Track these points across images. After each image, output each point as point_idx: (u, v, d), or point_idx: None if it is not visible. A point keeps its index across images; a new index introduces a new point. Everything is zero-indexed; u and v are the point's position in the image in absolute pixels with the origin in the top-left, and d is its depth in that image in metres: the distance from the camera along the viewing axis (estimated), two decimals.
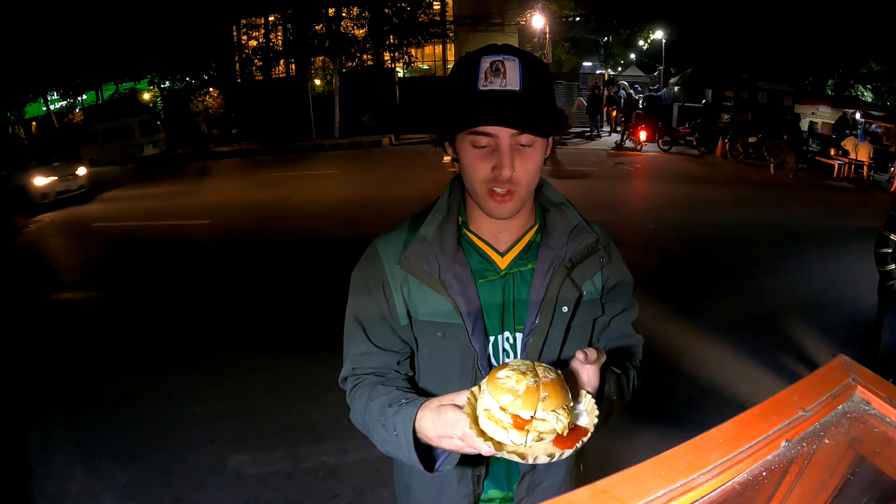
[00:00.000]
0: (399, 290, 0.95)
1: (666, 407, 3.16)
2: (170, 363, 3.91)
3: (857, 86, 18.16)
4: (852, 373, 0.79)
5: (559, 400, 0.66)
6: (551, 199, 1.02)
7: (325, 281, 5.15)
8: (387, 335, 0.97)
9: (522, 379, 0.66)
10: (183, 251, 6.87)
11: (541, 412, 0.66)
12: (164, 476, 2.71)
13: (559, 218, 0.99)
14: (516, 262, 0.97)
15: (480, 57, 0.84)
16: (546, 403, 0.66)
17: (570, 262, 0.95)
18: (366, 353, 0.97)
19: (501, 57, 0.84)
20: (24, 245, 7.89)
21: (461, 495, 1.00)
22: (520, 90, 0.83)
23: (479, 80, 0.83)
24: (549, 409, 0.66)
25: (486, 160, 0.87)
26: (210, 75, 20.77)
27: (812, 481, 0.71)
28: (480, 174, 0.88)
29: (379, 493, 2.51)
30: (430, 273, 0.92)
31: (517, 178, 0.87)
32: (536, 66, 0.86)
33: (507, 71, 0.83)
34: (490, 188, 0.88)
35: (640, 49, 23.52)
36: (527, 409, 0.65)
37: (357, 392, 0.96)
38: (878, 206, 9.22)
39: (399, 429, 0.81)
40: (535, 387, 0.66)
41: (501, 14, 21.16)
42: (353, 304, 1.00)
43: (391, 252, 0.97)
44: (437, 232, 0.94)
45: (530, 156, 0.88)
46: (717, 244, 6.51)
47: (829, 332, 4.05)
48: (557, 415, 0.67)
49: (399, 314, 0.95)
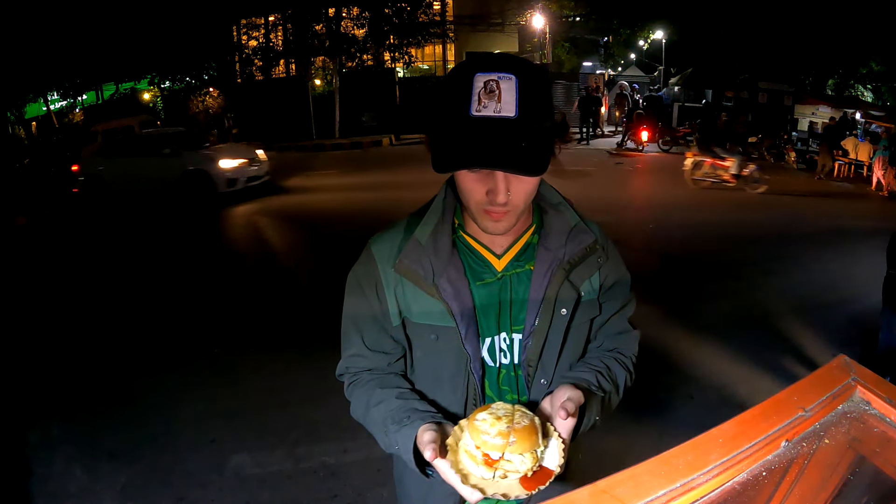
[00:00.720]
0: (392, 291, 0.95)
1: (666, 407, 3.16)
2: (170, 363, 3.91)
3: (857, 86, 18.16)
4: (852, 373, 0.79)
5: (527, 445, 0.73)
6: (549, 200, 1.00)
7: (325, 281, 5.15)
8: (379, 337, 0.98)
9: (496, 424, 0.74)
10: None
11: (508, 454, 0.73)
12: (164, 476, 2.71)
13: (557, 219, 0.98)
14: (513, 264, 0.96)
15: (474, 74, 0.79)
16: (514, 447, 0.72)
17: (568, 263, 0.94)
18: (358, 356, 1.00)
19: (496, 76, 0.78)
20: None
21: (447, 493, 1.00)
22: (515, 116, 0.78)
23: (472, 104, 0.78)
24: (517, 452, 0.73)
25: (480, 184, 0.85)
26: (210, 75, 20.79)
27: (812, 481, 0.71)
28: (476, 197, 0.86)
29: (379, 493, 2.51)
30: (424, 277, 0.92)
31: (513, 200, 0.86)
32: (534, 82, 0.80)
33: (502, 93, 0.78)
34: (485, 209, 0.87)
35: (640, 49, 23.52)
36: (496, 450, 0.73)
37: (356, 392, 0.99)
38: (877, 205, 9.24)
39: (400, 445, 0.86)
40: (506, 432, 0.73)
41: (501, 14, 21.18)
42: (348, 304, 1.02)
43: (386, 254, 0.96)
44: (431, 235, 0.94)
45: (526, 179, 0.85)
46: (717, 244, 6.51)
47: (829, 332, 4.04)
48: (523, 458, 0.73)
49: (391, 314, 0.96)
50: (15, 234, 8.73)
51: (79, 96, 22.29)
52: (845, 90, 17.88)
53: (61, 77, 19.83)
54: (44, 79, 19.02)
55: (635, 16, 20.20)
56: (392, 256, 0.95)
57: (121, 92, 22.19)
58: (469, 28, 20.64)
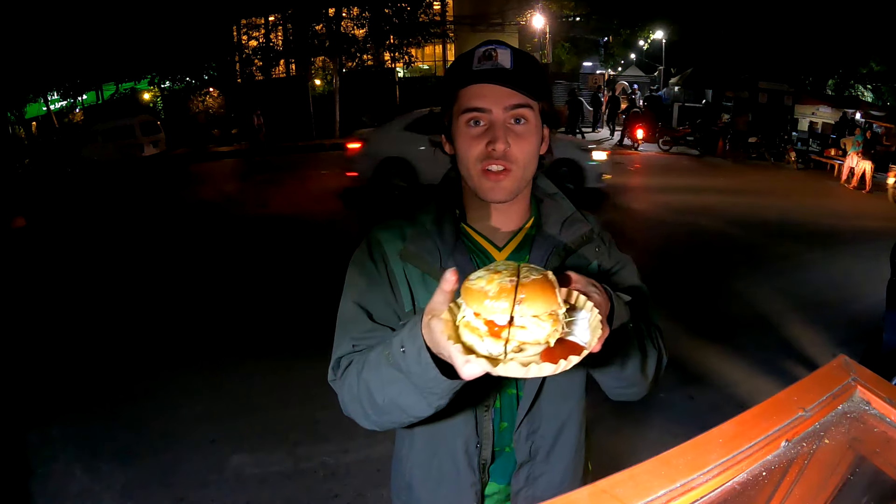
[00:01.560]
0: (404, 277, 0.93)
1: (666, 407, 3.16)
2: (170, 363, 3.91)
3: (857, 86, 18.15)
4: (852, 373, 0.79)
5: (541, 303, 0.54)
6: (545, 191, 1.03)
7: (325, 281, 5.15)
8: (389, 314, 0.93)
9: (495, 278, 0.56)
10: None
11: (519, 318, 0.55)
12: (164, 476, 2.71)
13: (553, 208, 1.00)
14: (513, 257, 0.97)
15: (474, 49, 0.90)
16: (524, 307, 0.54)
17: (564, 250, 0.95)
18: (371, 331, 0.90)
19: (494, 46, 0.89)
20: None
21: (468, 484, 0.97)
22: (511, 67, 0.87)
23: (472, 64, 0.88)
24: (530, 314, 0.54)
25: (480, 138, 0.89)
26: (210, 75, 20.78)
27: (812, 481, 0.71)
28: (475, 152, 0.89)
29: (379, 493, 2.51)
30: (432, 263, 0.91)
31: (512, 154, 0.88)
32: (528, 56, 0.91)
33: (498, 55, 0.88)
34: (485, 167, 0.89)
35: (640, 49, 23.51)
36: (501, 313, 0.54)
37: (351, 366, 0.87)
38: (877, 206, 9.24)
39: (406, 342, 0.70)
40: (509, 287, 0.55)
41: (501, 14, 21.17)
42: (351, 289, 0.94)
43: (391, 241, 0.95)
44: (434, 221, 0.94)
45: (524, 134, 0.89)
46: (717, 244, 6.52)
47: (830, 332, 4.04)
48: (540, 322, 0.55)
49: (405, 301, 0.93)
50: (14, 235, 8.73)
51: (79, 96, 22.26)
52: (845, 90, 17.87)
53: (61, 77, 19.80)
54: (44, 79, 18.98)
55: (635, 16, 20.18)
56: (398, 244, 0.94)
57: (121, 92, 22.17)
58: (469, 28, 20.61)
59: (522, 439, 0.97)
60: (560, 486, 1.01)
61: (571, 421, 1.01)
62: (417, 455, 1.01)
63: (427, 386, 0.70)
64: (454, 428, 0.95)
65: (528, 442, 0.97)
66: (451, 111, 0.92)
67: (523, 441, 0.97)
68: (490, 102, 0.87)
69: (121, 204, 10.08)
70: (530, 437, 0.97)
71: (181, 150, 16.98)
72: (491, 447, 0.97)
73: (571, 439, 1.02)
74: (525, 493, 0.99)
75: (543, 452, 0.99)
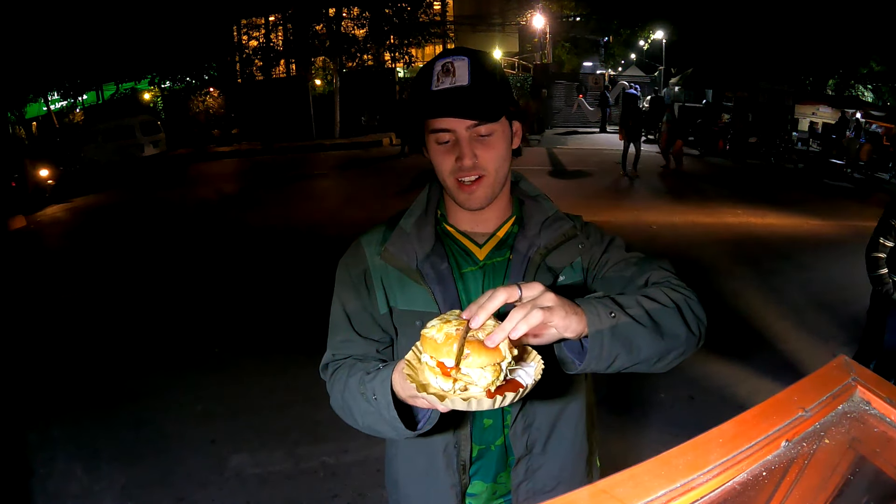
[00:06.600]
0: (380, 280, 0.99)
1: (666, 407, 3.16)
2: (170, 363, 3.91)
3: (857, 86, 18.14)
4: (852, 373, 0.79)
5: (485, 359, 0.64)
6: (527, 192, 1.06)
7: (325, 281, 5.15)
8: (368, 324, 1.01)
9: (444, 327, 0.66)
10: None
11: (465, 368, 0.65)
12: (164, 476, 2.71)
13: (535, 209, 1.03)
14: (494, 253, 1.00)
15: (434, 62, 0.91)
16: (469, 361, 0.64)
17: (545, 248, 0.97)
18: (347, 341, 1.00)
19: (451, 59, 0.90)
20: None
21: (447, 486, 1.00)
22: (468, 84, 0.88)
23: (432, 83, 0.90)
24: (475, 366, 0.64)
25: (449, 153, 0.92)
26: (210, 75, 20.80)
27: (812, 481, 0.71)
28: (446, 167, 0.93)
29: (379, 493, 2.51)
30: (409, 263, 0.96)
31: (481, 163, 0.92)
32: (486, 62, 0.92)
33: (456, 70, 0.89)
34: (457, 179, 0.93)
35: (640, 49, 23.52)
36: (448, 357, 0.64)
37: (336, 375, 0.96)
38: (877, 206, 9.24)
39: (378, 392, 0.81)
40: (454, 335, 0.64)
41: (501, 14, 21.19)
42: (337, 294, 1.03)
43: (373, 245, 1.01)
44: (415, 224, 0.99)
45: (491, 143, 0.92)
46: (717, 244, 6.51)
47: (829, 332, 4.05)
48: (483, 372, 0.65)
49: (379, 303, 0.99)
50: (13, 236, 8.73)
51: (79, 96, 22.28)
52: (845, 90, 17.85)
53: (61, 77, 19.82)
54: (44, 79, 18.99)
55: (635, 16, 20.19)
56: (378, 246, 1.00)
57: (121, 92, 22.18)
58: (469, 28, 20.63)
59: (518, 434, 0.99)
60: (559, 476, 1.03)
61: (568, 412, 1.03)
62: (402, 455, 1.07)
63: (398, 428, 0.81)
64: (432, 430, 0.96)
65: (524, 436, 0.99)
66: (422, 124, 0.95)
67: (519, 435, 0.99)
68: (453, 124, 0.91)
69: (121, 204, 10.07)
70: (526, 430, 0.99)
71: (181, 151, 17.00)
72: (470, 448, 1.00)
73: (568, 430, 1.04)
74: (525, 486, 1.02)
75: (540, 445, 1.01)
